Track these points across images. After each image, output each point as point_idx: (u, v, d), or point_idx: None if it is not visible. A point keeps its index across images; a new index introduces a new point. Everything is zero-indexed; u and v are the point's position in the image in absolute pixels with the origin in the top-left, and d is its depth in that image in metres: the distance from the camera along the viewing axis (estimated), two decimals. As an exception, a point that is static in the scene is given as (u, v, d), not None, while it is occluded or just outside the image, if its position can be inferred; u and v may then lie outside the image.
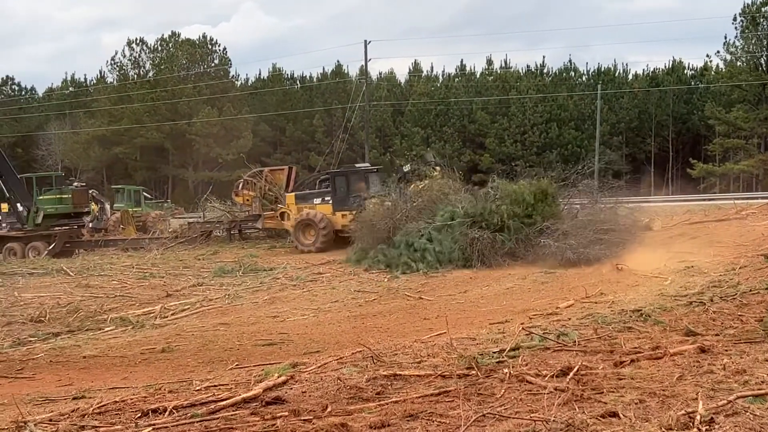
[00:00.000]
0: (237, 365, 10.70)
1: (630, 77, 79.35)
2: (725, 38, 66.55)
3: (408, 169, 30.55)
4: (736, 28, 65.41)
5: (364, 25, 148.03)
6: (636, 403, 6.30)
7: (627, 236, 22.35)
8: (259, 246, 31.13)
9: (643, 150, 73.76)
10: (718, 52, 68.07)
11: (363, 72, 69.44)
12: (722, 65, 69.57)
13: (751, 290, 12.82)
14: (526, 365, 8.00)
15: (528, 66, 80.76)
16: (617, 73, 79.41)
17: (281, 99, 78.62)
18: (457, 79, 79.49)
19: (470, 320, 13.57)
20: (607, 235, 21.66)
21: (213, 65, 78.42)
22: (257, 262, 25.77)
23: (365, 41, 65.38)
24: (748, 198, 41.84)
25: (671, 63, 77.95)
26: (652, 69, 78.86)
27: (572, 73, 79.24)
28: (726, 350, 8.24)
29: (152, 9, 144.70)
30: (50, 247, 33.11)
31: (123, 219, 41.04)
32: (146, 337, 14.09)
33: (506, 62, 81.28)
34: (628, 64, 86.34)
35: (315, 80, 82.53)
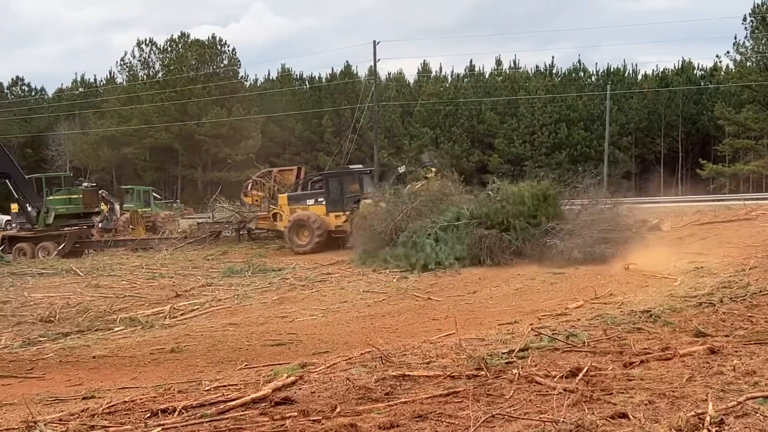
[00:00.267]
0: (246, 365, 10.70)
1: (639, 77, 79.27)
2: (735, 38, 66.51)
3: (403, 171, 30.86)
4: (746, 29, 65.35)
5: (373, 26, 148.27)
6: (645, 404, 6.29)
7: (630, 235, 22.78)
8: (268, 246, 31.15)
9: (653, 150, 73.63)
10: (728, 53, 68.00)
11: (372, 72, 69.36)
12: (732, 65, 69.51)
13: (761, 291, 12.78)
14: (535, 366, 7.99)
15: (537, 66, 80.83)
16: (626, 74, 79.30)
17: (290, 99, 78.63)
18: (466, 80, 79.47)
19: (479, 321, 13.55)
20: (611, 235, 22.04)
21: (222, 66, 78.46)
22: (266, 263, 25.81)
23: (374, 42, 65.39)
24: (758, 198, 41.70)
25: (681, 63, 77.94)
26: (662, 69, 78.89)
27: (581, 74, 79.16)
28: (736, 351, 8.22)
29: (162, 9, 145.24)
30: (60, 248, 33.19)
31: (132, 219, 41.11)
32: (155, 337, 14.11)
33: (515, 62, 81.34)
34: (638, 65, 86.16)
35: (324, 81, 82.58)
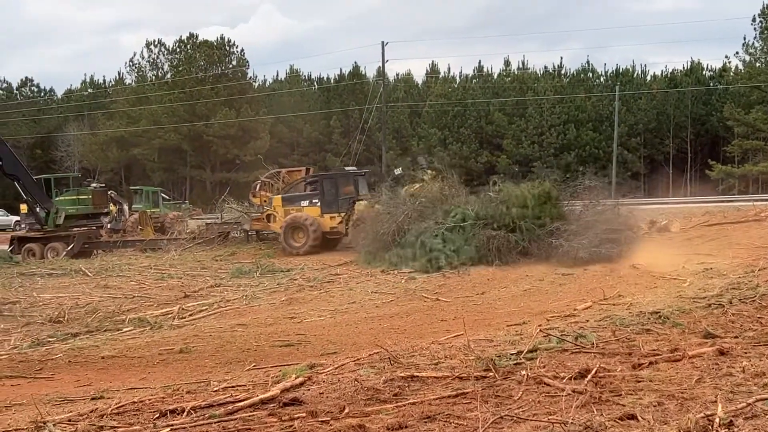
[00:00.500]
0: (254, 366, 10.72)
1: (648, 78, 79.12)
2: (744, 39, 66.45)
3: (400, 172, 31.25)
4: (756, 29, 65.25)
5: (382, 27, 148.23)
6: (654, 406, 6.28)
7: (633, 236, 23.10)
8: (276, 247, 31.15)
9: (662, 151, 73.50)
10: (737, 53, 67.95)
11: (380, 73, 69.49)
12: (741, 66, 69.34)
13: (771, 292, 12.74)
14: (544, 367, 7.97)
15: (545, 67, 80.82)
16: (635, 74, 79.20)
17: (299, 100, 78.79)
18: (475, 80, 79.43)
19: (487, 322, 13.54)
20: (614, 235, 22.25)
21: (231, 67, 78.62)
22: (274, 263, 25.80)
23: (382, 42, 65.51)
24: (768, 200, 41.56)
25: (690, 64, 77.70)
26: (671, 70, 78.76)
27: (590, 74, 79.07)
28: (745, 353, 8.19)
29: (171, 10, 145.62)
30: (69, 248, 33.27)
31: (141, 220, 41.15)
32: (164, 338, 14.13)
33: (524, 63, 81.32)
34: (647, 65, 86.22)
35: (332, 81, 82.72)
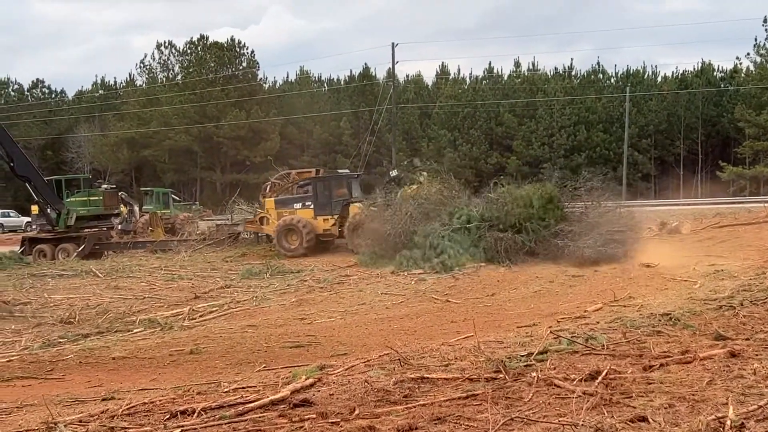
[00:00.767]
0: (265, 367, 10.73)
1: (659, 79, 78.86)
2: (755, 40, 66.33)
3: (395, 174, 31.34)
4: (767, 30, 65.00)
5: (392, 28, 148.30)
6: (665, 408, 6.26)
7: (635, 236, 23.50)
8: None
9: (672, 153, 73.28)
10: (748, 54, 67.84)
11: (390, 74, 69.52)
12: (752, 67, 69.14)
13: (782, 294, 12.71)
14: (554, 369, 7.96)
15: (556, 68, 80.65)
16: (646, 76, 78.94)
17: (309, 101, 78.80)
18: (485, 82, 79.33)
19: (498, 323, 13.53)
20: (618, 235, 22.63)
21: (241, 68, 78.74)
22: (284, 264, 25.79)
23: (392, 44, 65.59)
24: (779, 201, 41.41)
25: (700, 65, 77.42)
26: (682, 71, 78.43)
27: (600, 76, 78.88)
28: (756, 355, 8.16)
29: (182, 12, 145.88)
30: (79, 249, 33.35)
31: (151, 221, 41.23)
32: (175, 339, 14.14)
33: (534, 64, 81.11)
34: (657, 66, 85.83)
35: (342, 83, 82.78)
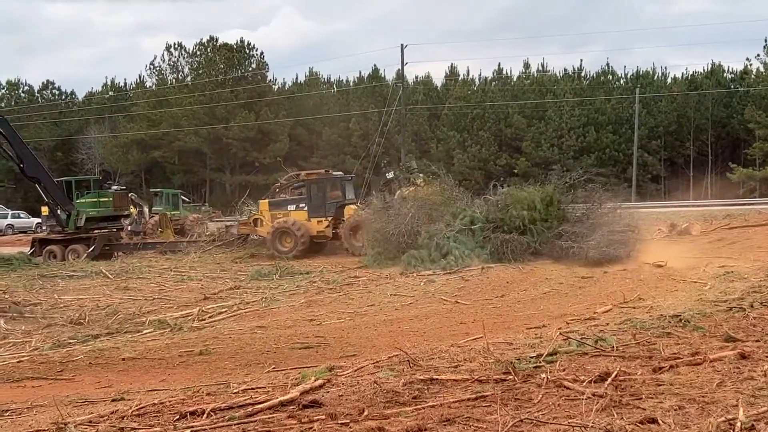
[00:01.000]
0: (274, 368, 10.74)
1: (669, 81, 78.59)
2: (765, 41, 66.10)
3: (391, 177, 31.66)
4: (777, 31, 64.75)
5: (402, 29, 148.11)
6: (675, 410, 6.25)
7: (636, 237, 23.64)
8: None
9: (682, 154, 73.03)
10: (759, 56, 67.65)
11: (399, 76, 69.54)
12: (762, 68, 68.89)
13: (793, 296, 12.68)
14: (564, 370, 7.96)
15: (565, 69, 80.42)
16: (656, 77, 78.69)
17: (318, 103, 78.81)
18: (494, 83, 79.20)
19: (507, 325, 13.52)
20: (621, 236, 22.83)
21: (250, 70, 78.84)
22: (294, 266, 25.87)
23: (402, 45, 65.67)
24: (790, 202, 41.30)
25: (710, 66, 77.12)
26: (691, 72, 78.11)
27: (610, 77, 78.67)
28: (766, 356, 8.14)
29: (192, 14, 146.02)
30: (89, 250, 33.47)
31: (161, 222, 41.33)
32: (184, 340, 14.18)
33: (543, 66, 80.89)
34: (667, 68, 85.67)
35: (352, 84, 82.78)
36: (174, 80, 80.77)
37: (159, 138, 75.21)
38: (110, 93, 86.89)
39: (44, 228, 41.40)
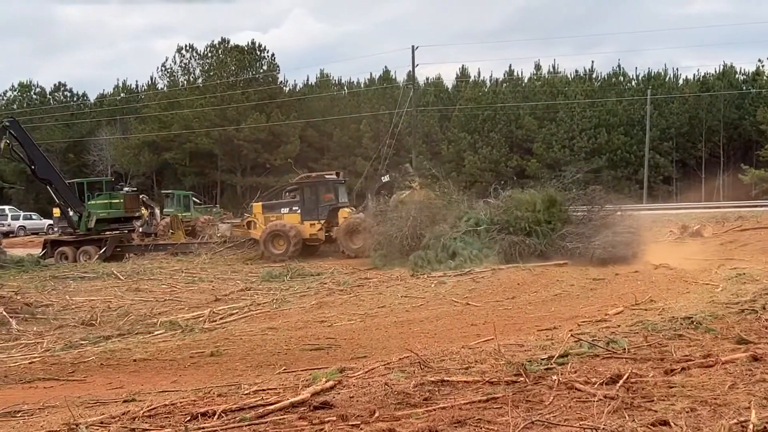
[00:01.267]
0: (285, 369, 10.76)
1: (680, 82, 78.37)
2: (778, 42, 65.71)
3: (387, 180, 31.92)
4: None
5: (413, 31, 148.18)
6: (687, 412, 6.23)
7: (639, 238, 23.94)
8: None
9: (694, 155, 72.79)
10: (771, 57, 67.24)
11: (410, 77, 69.52)
12: (774, 70, 68.69)
13: (805, 298, 12.63)
14: (575, 372, 7.94)
15: (576, 71, 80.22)
16: (667, 78, 78.44)
17: (329, 105, 78.87)
18: (505, 85, 79.08)
19: (518, 326, 13.50)
20: (625, 237, 23.08)
21: (261, 71, 78.96)
22: (304, 267, 25.89)
23: (412, 47, 65.65)
24: (802, 204, 41.14)
25: (722, 67, 76.83)
26: (703, 74, 77.85)
27: (621, 78, 78.44)
28: (779, 359, 8.11)
29: (203, 16, 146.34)
30: (101, 252, 33.57)
31: (172, 224, 41.47)
32: (195, 341, 14.20)
33: (554, 67, 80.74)
34: (679, 69, 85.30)
35: (362, 86, 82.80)
36: (185, 82, 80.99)
37: (170, 139, 75.38)
38: (122, 95, 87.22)
39: (56, 229, 41.49)
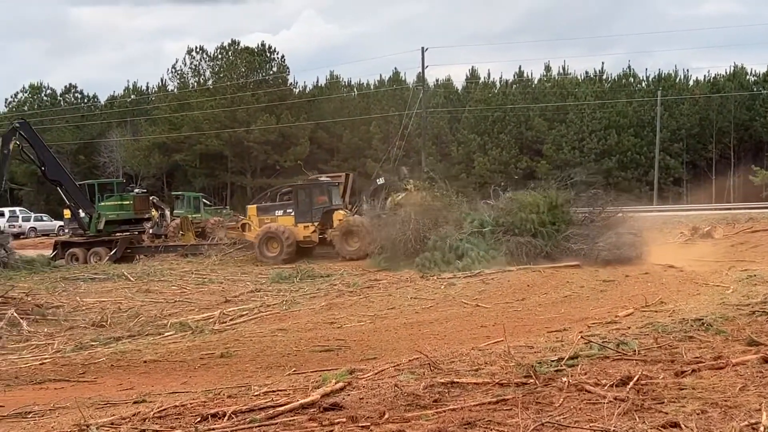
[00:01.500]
0: (295, 371, 10.77)
1: (691, 83, 78.10)
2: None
3: (381, 182, 32.24)
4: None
5: (423, 32, 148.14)
6: (698, 414, 6.21)
7: (642, 239, 24.27)
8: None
9: (704, 157, 72.55)
10: (782, 58, 66.94)
11: (420, 79, 69.51)
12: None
13: (817, 300, 12.58)
14: (585, 374, 7.92)
15: (586, 72, 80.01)
16: (678, 79, 78.18)
17: (338, 106, 78.83)
18: (515, 86, 78.93)
19: (528, 328, 13.50)
20: (629, 238, 23.53)
21: (271, 73, 79.01)
22: (314, 269, 25.92)
23: (422, 48, 65.67)
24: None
25: (733, 69, 76.53)
26: (714, 75, 77.55)
27: (631, 79, 78.20)
28: (791, 361, 8.08)
29: (214, 18, 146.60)
30: (111, 253, 33.62)
31: (182, 225, 41.48)
32: (205, 343, 14.23)
33: (564, 68, 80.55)
34: (689, 70, 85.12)
35: (372, 87, 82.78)
36: (195, 84, 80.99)
37: (180, 141, 75.45)
38: (132, 96, 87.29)
39: (66, 231, 41.57)
